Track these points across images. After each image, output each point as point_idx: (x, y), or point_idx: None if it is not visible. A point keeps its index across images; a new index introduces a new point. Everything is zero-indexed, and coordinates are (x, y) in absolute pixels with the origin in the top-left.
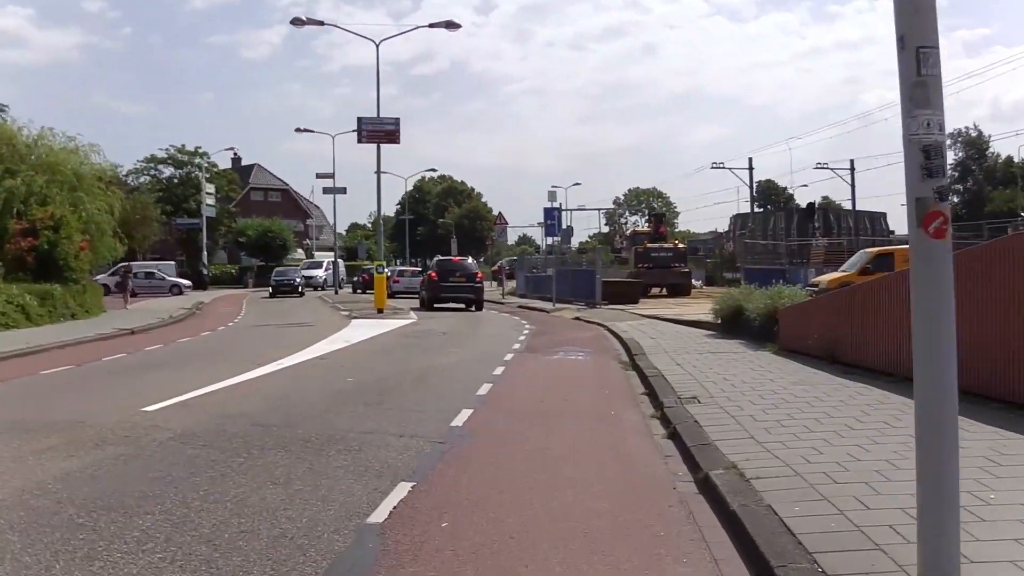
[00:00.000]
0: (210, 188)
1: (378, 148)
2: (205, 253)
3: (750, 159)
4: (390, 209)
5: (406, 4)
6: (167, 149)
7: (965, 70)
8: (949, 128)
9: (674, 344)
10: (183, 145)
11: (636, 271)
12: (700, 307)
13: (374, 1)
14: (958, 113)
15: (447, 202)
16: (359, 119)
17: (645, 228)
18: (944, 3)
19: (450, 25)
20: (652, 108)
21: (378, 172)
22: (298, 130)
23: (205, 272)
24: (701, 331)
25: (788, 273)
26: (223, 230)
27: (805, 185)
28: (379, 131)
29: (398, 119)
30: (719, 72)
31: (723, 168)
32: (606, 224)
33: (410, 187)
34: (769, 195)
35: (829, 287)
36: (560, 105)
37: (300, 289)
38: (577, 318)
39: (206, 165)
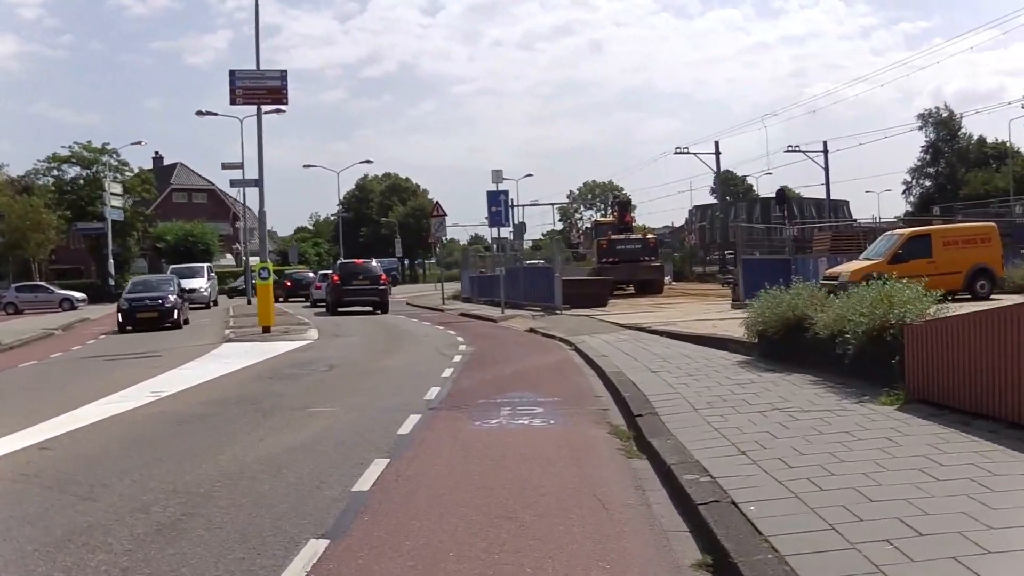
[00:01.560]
0: (116, 188)
1: (259, 112)
2: (111, 261)
3: (716, 143)
4: (331, 209)
5: (353, 7)
6: (70, 146)
7: (907, 63)
8: (915, 110)
9: (694, 384)
10: (89, 142)
11: (600, 267)
12: (684, 309)
13: (320, 4)
14: (902, 104)
15: (391, 200)
16: (231, 72)
17: (608, 218)
18: None
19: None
20: (604, 105)
21: (259, 143)
22: (199, 113)
23: (112, 283)
24: (721, 353)
25: (796, 264)
26: (136, 236)
27: (770, 172)
28: (258, 88)
29: (284, 72)
30: (668, 68)
31: (687, 153)
32: (560, 220)
33: (351, 185)
34: (728, 185)
35: (852, 279)
36: (512, 105)
37: (176, 315)
38: (532, 330)
39: (115, 163)
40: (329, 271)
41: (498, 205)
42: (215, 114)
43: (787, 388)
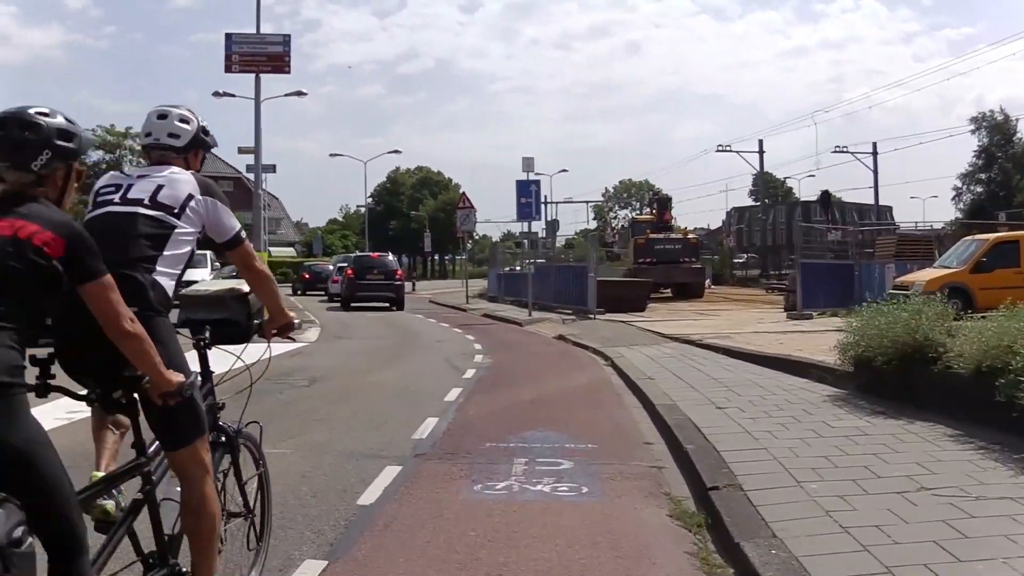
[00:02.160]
0: None
1: (257, 80)
2: None
3: (760, 141)
4: (361, 201)
5: (391, 3)
6: (92, 130)
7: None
8: (968, 114)
9: (782, 432)
10: (112, 125)
11: (636, 267)
12: (733, 317)
13: (359, 1)
14: (942, 112)
15: (422, 194)
16: (227, 36)
17: (646, 216)
18: (929, 2)
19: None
20: (638, 106)
21: (257, 109)
22: (216, 94)
23: None
24: (802, 382)
25: (860, 270)
26: None
27: (813, 174)
28: (257, 55)
29: (287, 36)
30: (704, 70)
31: (729, 151)
32: (594, 219)
33: (383, 177)
34: (767, 187)
35: (929, 289)
36: (546, 104)
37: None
38: (562, 337)
39: (138, 148)
40: (345, 263)
41: (528, 196)
42: (232, 95)
43: (920, 448)
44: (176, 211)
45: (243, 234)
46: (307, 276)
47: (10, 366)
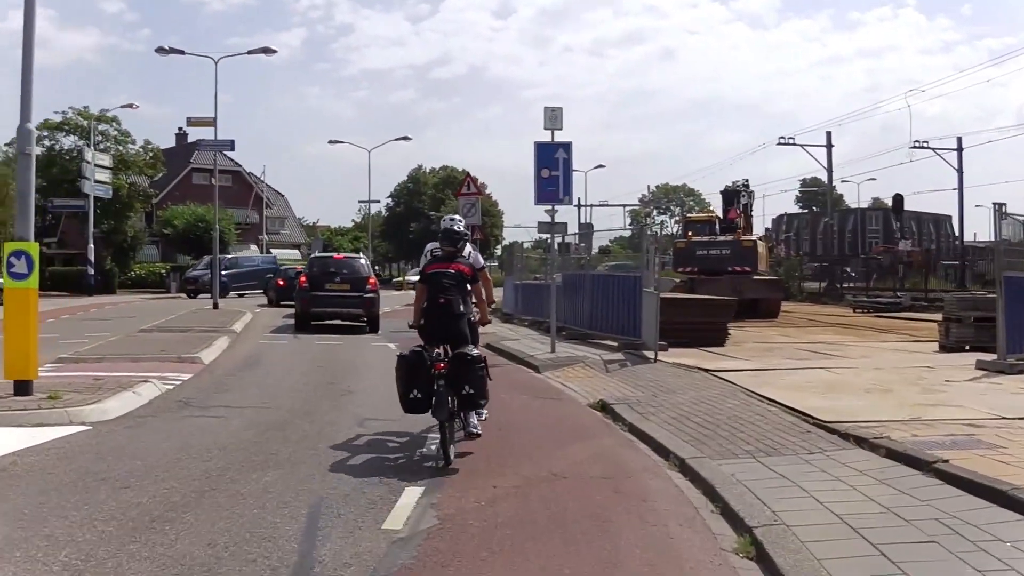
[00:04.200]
0: (103, 159)
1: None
2: (91, 247)
3: (828, 133)
4: (382, 203)
5: (424, 8)
6: (64, 112)
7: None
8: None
9: None
10: (85, 107)
11: (687, 278)
12: (877, 360)
13: (392, 5)
14: (982, 122)
15: (444, 194)
16: None
17: (703, 214)
18: (968, 11)
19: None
20: (671, 114)
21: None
22: (160, 50)
23: (91, 272)
24: None
25: None
26: (135, 218)
27: (873, 178)
28: None
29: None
30: (739, 79)
31: (792, 144)
32: (630, 225)
33: (404, 176)
34: (814, 195)
35: None
36: (579, 111)
37: None
38: (605, 406)
39: (114, 133)
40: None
41: (553, 167)
42: (181, 52)
43: None
44: None
45: None
46: (283, 283)
47: None
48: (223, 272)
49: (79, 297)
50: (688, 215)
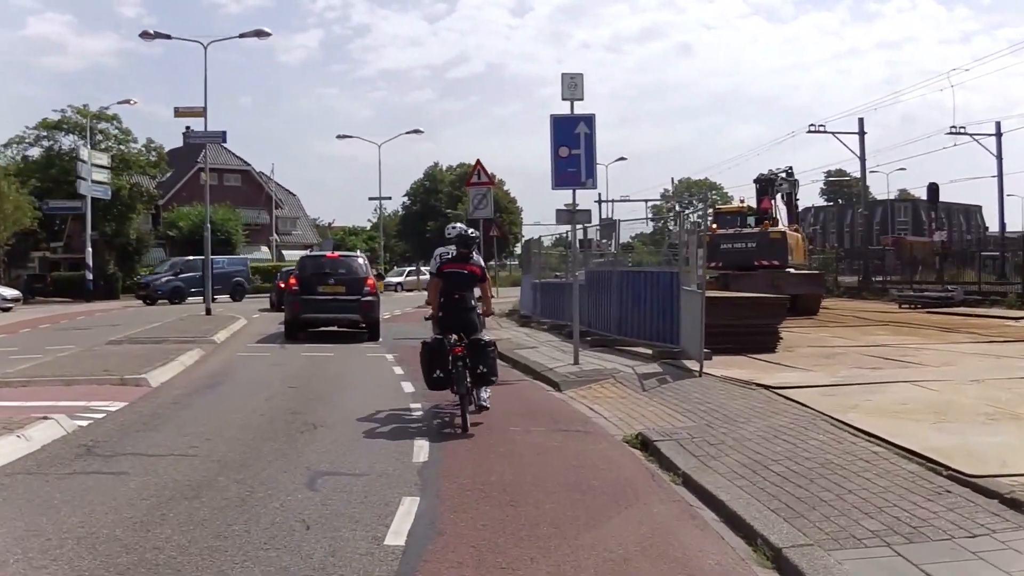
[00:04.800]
0: (100, 158)
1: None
2: (89, 250)
3: (860, 119)
4: (398, 202)
5: (441, 7)
6: (62, 110)
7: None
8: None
9: None
10: (85, 105)
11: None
12: (956, 371)
13: (408, 5)
14: (1001, 112)
15: (461, 191)
16: None
17: (735, 205)
18: (987, 1)
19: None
20: (690, 109)
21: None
22: (144, 35)
23: (89, 276)
24: None
25: None
26: (136, 219)
27: (903, 168)
28: None
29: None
30: (757, 72)
31: (823, 132)
32: (651, 220)
33: (420, 174)
34: (840, 187)
35: None
36: (597, 107)
37: None
38: (645, 443)
39: (114, 131)
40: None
41: (571, 144)
42: (168, 36)
43: None
44: None
45: None
46: (283, 286)
47: None
48: (178, 276)
49: (78, 303)
50: (717, 206)
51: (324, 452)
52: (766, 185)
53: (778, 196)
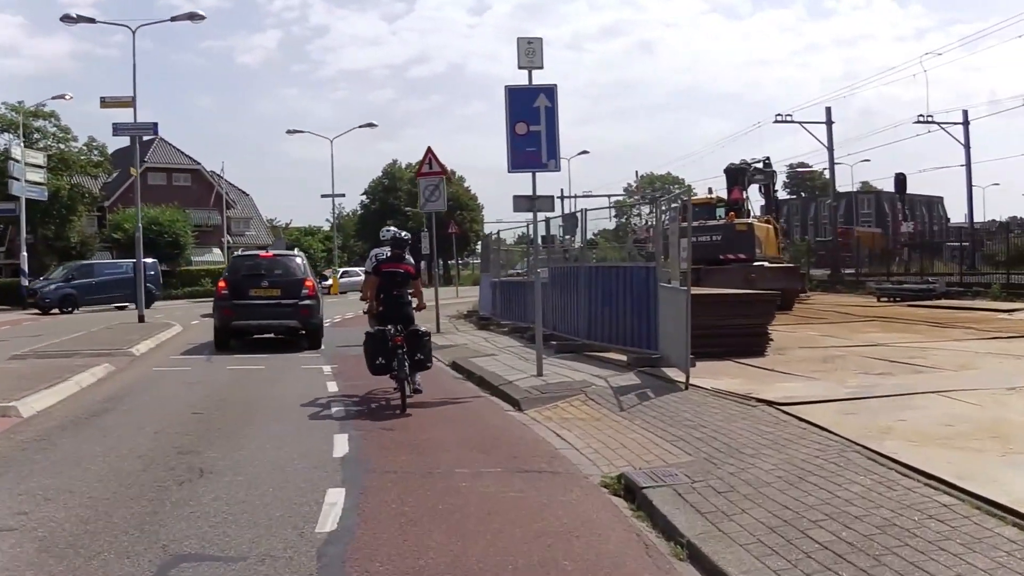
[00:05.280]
0: (35, 157)
1: None
2: (24, 255)
3: (828, 108)
4: (355, 200)
5: (400, 7)
6: None
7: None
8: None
9: None
10: (20, 102)
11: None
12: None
13: (367, 5)
14: (958, 106)
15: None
16: None
17: (705, 197)
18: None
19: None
20: (652, 106)
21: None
22: (66, 18)
23: (24, 283)
24: None
25: None
26: (78, 221)
27: (867, 160)
28: None
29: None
30: (718, 69)
31: (791, 121)
32: (614, 217)
33: (378, 172)
34: (803, 179)
35: None
36: (560, 105)
37: None
38: (649, 522)
39: (52, 129)
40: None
41: (530, 119)
42: (92, 20)
43: None
44: None
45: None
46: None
47: None
48: (70, 282)
49: (14, 311)
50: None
51: (198, 518)
52: (737, 175)
53: (754, 187)
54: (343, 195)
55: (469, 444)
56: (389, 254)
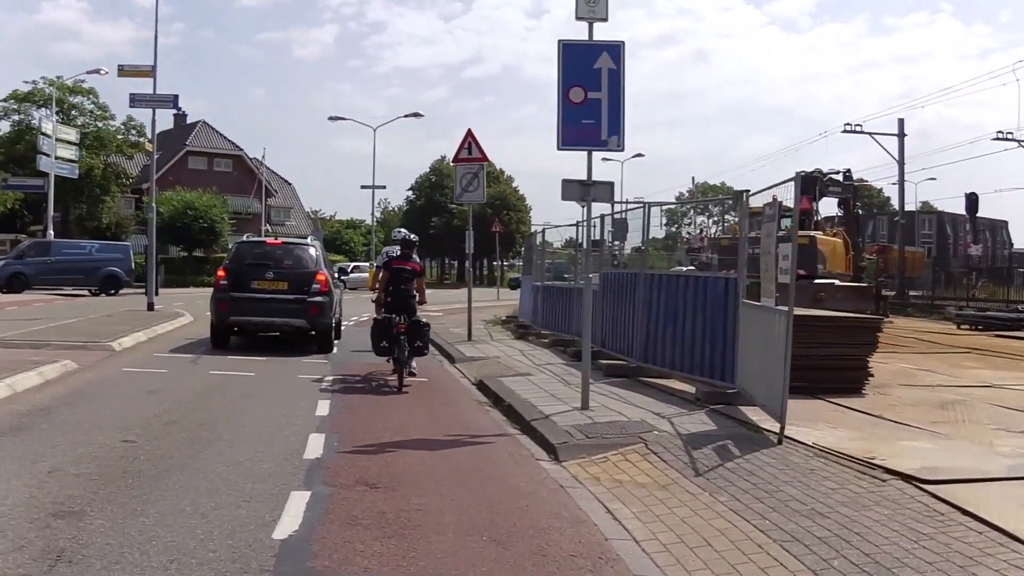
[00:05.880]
0: (67, 133)
1: None
2: (51, 233)
3: (900, 120)
4: (401, 195)
5: (457, 7)
6: (34, 81)
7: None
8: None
9: None
10: (59, 77)
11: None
12: None
13: (425, 3)
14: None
15: None
16: None
17: (759, 205)
18: (1006, 18)
19: None
20: (704, 117)
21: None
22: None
23: None
24: None
25: None
26: (111, 202)
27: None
28: None
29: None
30: (773, 82)
31: (860, 132)
32: (665, 225)
33: (426, 168)
34: (861, 195)
35: None
36: None
37: None
38: None
39: (89, 107)
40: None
41: (589, 84)
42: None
43: None
44: None
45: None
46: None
47: None
48: (22, 260)
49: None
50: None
51: None
52: (807, 184)
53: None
54: (383, 187)
55: (477, 525)
56: (399, 252)
